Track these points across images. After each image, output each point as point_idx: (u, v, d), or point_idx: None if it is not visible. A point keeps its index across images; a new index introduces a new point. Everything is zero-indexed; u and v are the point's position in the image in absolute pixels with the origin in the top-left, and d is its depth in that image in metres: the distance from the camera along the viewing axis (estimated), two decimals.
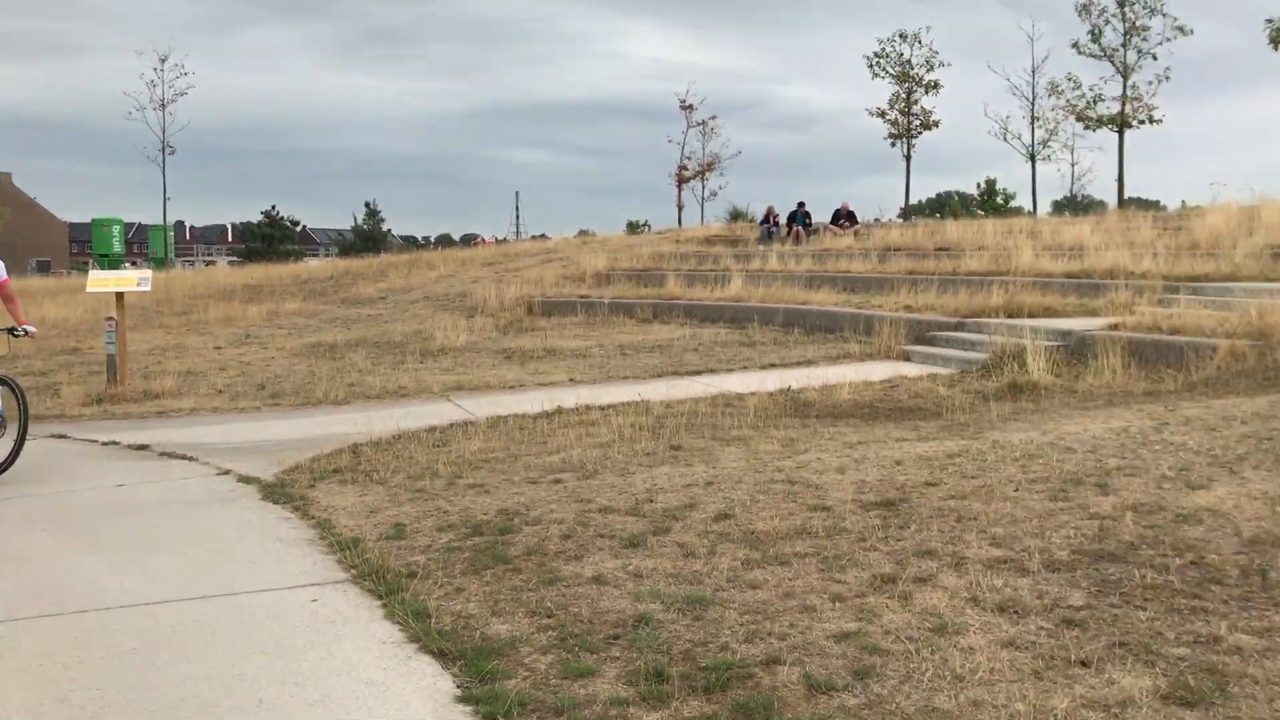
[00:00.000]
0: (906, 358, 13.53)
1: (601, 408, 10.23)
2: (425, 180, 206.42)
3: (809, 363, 13.43)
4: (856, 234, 27.68)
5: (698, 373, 12.98)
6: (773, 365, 13.29)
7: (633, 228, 56.59)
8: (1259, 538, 4.93)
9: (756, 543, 5.31)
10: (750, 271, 21.89)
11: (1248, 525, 5.12)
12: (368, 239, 77.90)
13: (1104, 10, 39.24)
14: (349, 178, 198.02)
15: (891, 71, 44.42)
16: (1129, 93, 39.32)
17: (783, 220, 29.46)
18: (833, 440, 8.07)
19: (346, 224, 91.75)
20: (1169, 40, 38.84)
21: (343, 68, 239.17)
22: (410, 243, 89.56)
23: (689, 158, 47.96)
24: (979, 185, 69.37)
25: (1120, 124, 39.48)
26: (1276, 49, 35.10)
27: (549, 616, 4.47)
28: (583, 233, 46.79)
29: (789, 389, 11.08)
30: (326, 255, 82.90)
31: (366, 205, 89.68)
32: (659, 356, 14.72)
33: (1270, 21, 35.08)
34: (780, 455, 7.48)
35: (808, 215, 29.28)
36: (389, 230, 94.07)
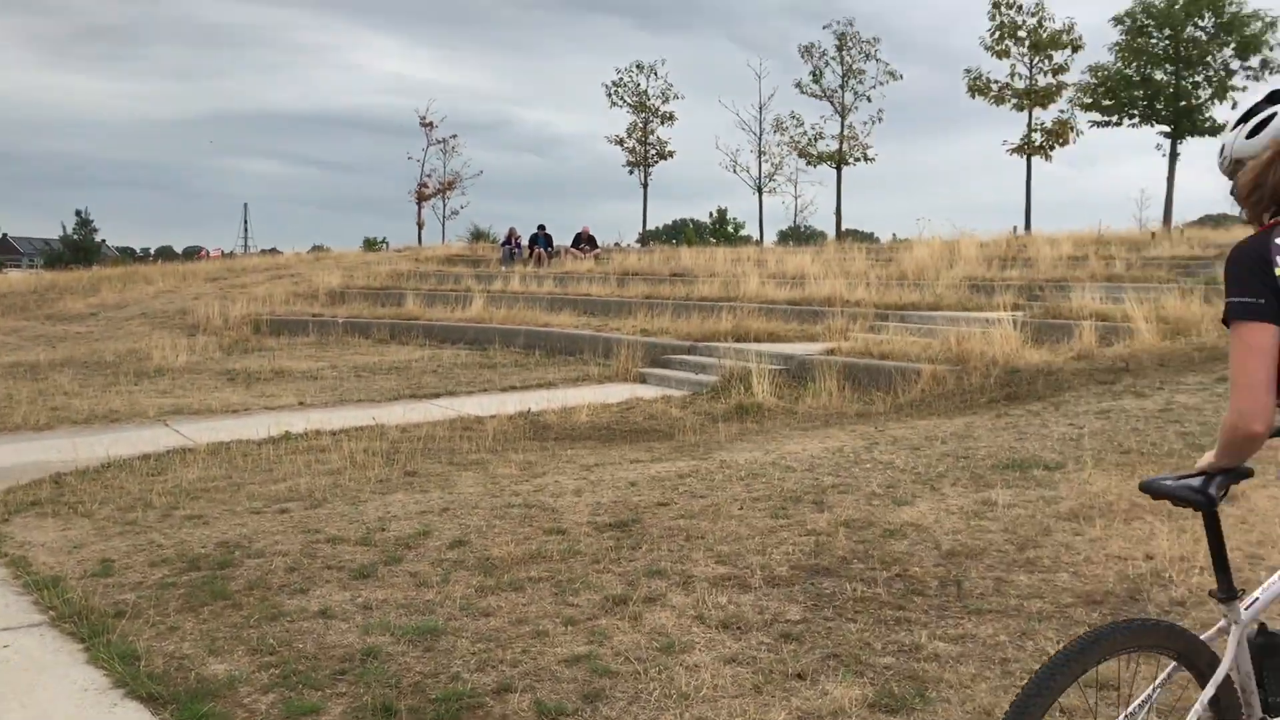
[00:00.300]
0: (643, 380, 13.88)
1: (333, 433, 9.91)
2: (145, 189, 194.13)
3: (549, 385, 13.52)
4: (597, 258, 28.20)
5: (436, 395, 12.81)
6: (513, 387, 13.29)
7: (370, 244, 55.22)
8: (955, 550, 5.36)
9: (491, 569, 5.29)
10: (492, 292, 21.84)
11: (946, 539, 5.55)
12: (78, 250, 72.58)
13: (824, 53, 42.03)
14: (58, 183, 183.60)
15: (629, 101, 45.54)
16: (846, 131, 42.18)
17: (525, 242, 29.60)
18: (570, 463, 8.16)
19: (54, 233, 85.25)
20: (882, 84, 42.14)
21: (53, 65, 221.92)
22: (127, 254, 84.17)
23: (430, 175, 47.21)
24: (711, 214, 72.33)
25: (838, 161, 42.22)
26: (974, 96, 38.67)
27: (271, 654, 4.27)
28: (317, 248, 45.35)
29: (529, 411, 11.12)
30: (31, 267, 76.20)
31: (78, 213, 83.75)
32: (396, 378, 14.42)
33: (969, 71, 38.67)
34: (518, 479, 7.49)
35: (549, 238, 29.59)
36: (103, 241, 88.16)
